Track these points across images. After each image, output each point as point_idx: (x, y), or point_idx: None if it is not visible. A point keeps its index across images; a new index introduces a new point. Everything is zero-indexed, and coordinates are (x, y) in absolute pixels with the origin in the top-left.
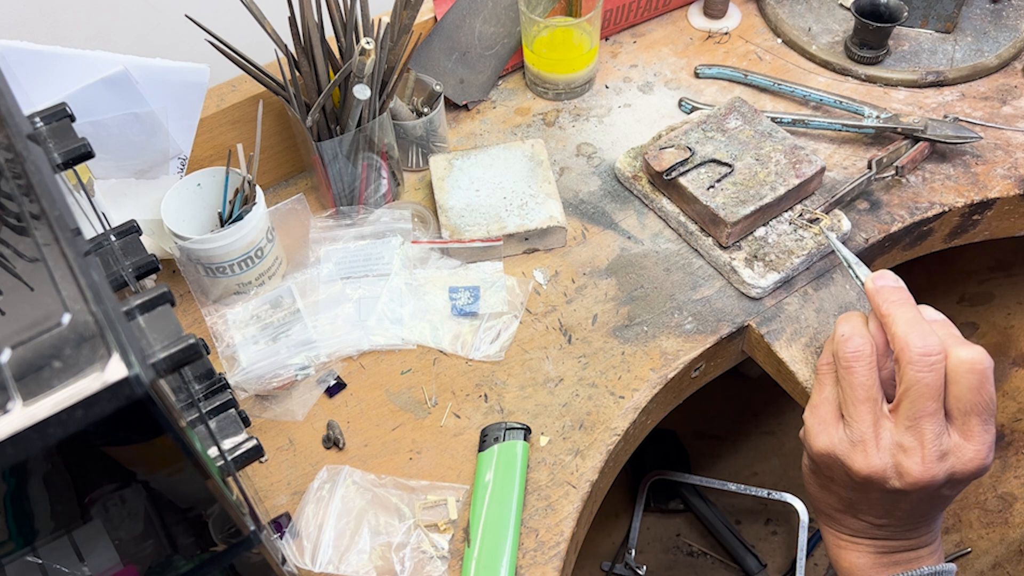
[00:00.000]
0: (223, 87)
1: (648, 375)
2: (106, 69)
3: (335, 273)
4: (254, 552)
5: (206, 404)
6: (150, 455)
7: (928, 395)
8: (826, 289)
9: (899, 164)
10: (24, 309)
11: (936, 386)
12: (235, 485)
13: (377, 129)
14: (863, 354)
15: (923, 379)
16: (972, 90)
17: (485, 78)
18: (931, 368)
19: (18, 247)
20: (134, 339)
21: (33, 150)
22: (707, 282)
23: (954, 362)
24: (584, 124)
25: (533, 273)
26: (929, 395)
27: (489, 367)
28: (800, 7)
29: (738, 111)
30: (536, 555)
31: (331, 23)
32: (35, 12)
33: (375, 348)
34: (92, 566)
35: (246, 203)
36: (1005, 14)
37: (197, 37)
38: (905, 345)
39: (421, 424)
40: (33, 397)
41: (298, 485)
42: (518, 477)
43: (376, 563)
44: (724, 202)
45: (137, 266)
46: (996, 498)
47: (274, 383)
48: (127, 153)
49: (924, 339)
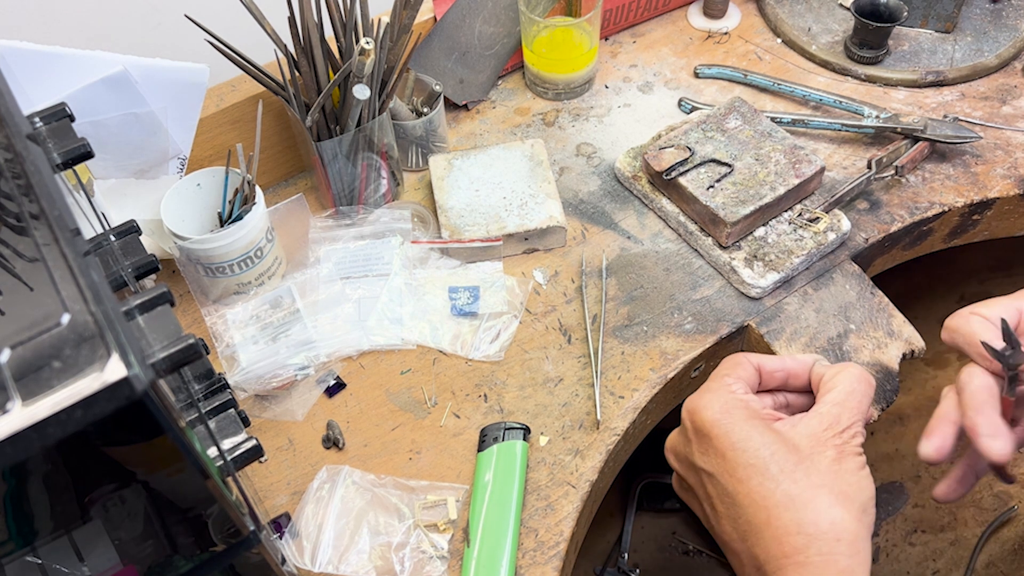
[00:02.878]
0: (223, 87)
1: (648, 375)
2: (106, 69)
3: (335, 273)
4: (254, 552)
5: (206, 404)
6: (150, 455)
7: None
8: (826, 289)
9: (899, 164)
10: (24, 309)
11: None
12: (235, 485)
13: (377, 129)
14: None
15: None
16: (972, 90)
17: (485, 78)
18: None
19: (18, 247)
20: (134, 339)
21: (33, 150)
22: (707, 282)
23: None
24: (584, 124)
25: (533, 273)
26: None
27: (489, 367)
28: (800, 7)
29: (738, 111)
30: (536, 555)
31: (331, 23)
32: (35, 12)
33: (375, 348)
34: (92, 566)
35: (246, 203)
36: (1005, 14)
37: (197, 37)
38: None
39: (421, 424)
40: (33, 397)
41: (298, 485)
42: (518, 477)
43: (376, 563)
44: (724, 202)
45: (137, 266)
46: (992, 496)
47: (274, 383)
48: (127, 153)
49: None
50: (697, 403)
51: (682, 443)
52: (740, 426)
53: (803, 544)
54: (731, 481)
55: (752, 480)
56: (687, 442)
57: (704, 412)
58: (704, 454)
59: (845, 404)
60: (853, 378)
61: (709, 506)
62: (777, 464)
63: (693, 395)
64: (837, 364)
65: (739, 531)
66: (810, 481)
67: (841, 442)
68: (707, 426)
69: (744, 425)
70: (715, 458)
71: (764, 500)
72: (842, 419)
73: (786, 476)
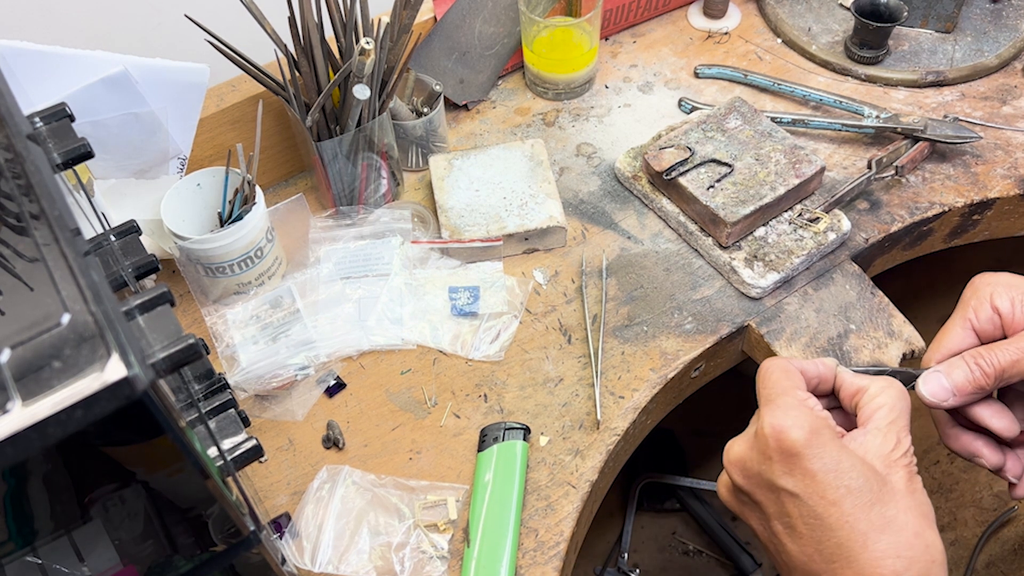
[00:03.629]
0: (223, 87)
1: (648, 375)
2: (106, 69)
3: (335, 273)
4: (254, 552)
5: (206, 404)
6: (150, 455)
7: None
8: (826, 289)
9: (899, 164)
10: (24, 309)
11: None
12: (235, 485)
13: (377, 129)
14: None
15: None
16: (972, 90)
17: (485, 78)
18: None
19: (18, 247)
20: (134, 339)
21: (33, 150)
22: (707, 282)
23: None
24: (584, 124)
25: (533, 273)
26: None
27: (489, 367)
28: (800, 7)
29: (738, 111)
30: (536, 555)
31: (331, 23)
32: (35, 12)
33: (375, 348)
34: (92, 566)
35: (246, 203)
36: (1005, 14)
37: (197, 37)
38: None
39: (421, 424)
40: (33, 397)
41: (298, 485)
42: (518, 477)
43: (376, 563)
44: (724, 202)
45: (137, 266)
46: (992, 496)
47: (274, 383)
48: (127, 153)
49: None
50: (784, 422)
51: (758, 460)
52: (831, 448)
53: (902, 568)
54: (821, 503)
55: (845, 503)
56: (766, 460)
57: (793, 432)
58: (789, 474)
59: (900, 423)
60: (900, 396)
61: (785, 526)
62: (869, 488)
63: (773, 412)
64: (877, 380)
65: (825, 554)
66: (899, 505)
67: (908, 462)
68: (797, 447)
69: (834, 447)
70: (803, 479)
71: (859, 524)
72: (903, 440)
73: (878, 500)
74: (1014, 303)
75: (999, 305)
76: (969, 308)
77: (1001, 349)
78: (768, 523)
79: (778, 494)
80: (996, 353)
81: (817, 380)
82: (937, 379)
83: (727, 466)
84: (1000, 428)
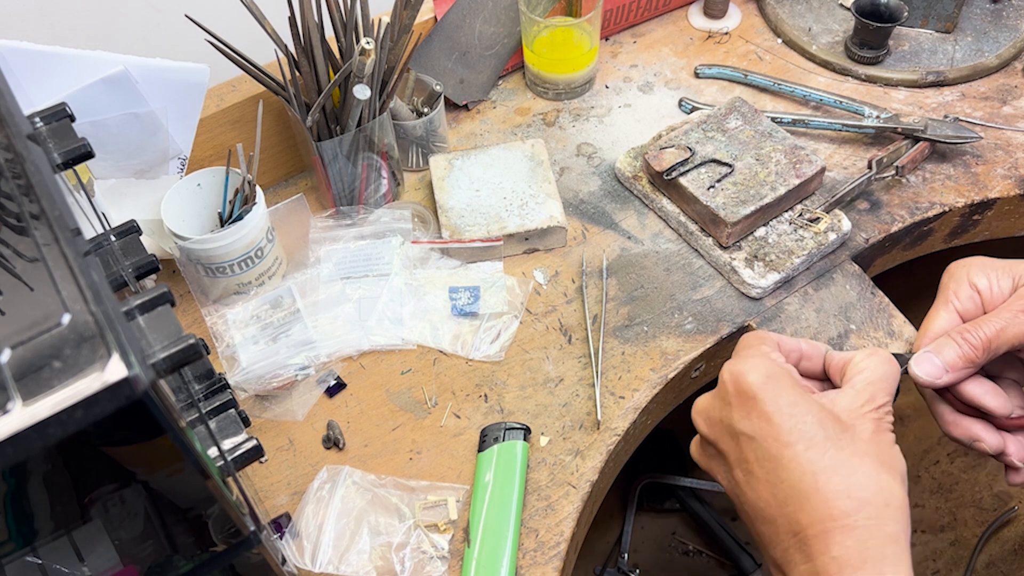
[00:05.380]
0: (223, 87)
1: (648, 375)
2: (106, 69)
3: (335, 273)
4: (254, 552)
5: (206, 404)
6: (150, 455)
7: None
8: (826, 289)
9: (899, 164)
10: (24, 309)
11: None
12: (235, 485)
13: (377, 129)
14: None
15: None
16: (972, 90)
17: (485, 78)
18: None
19: (18, 247)
20: (134, 339)
21: (33, 150)
22: (707, 282)
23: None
24: (584, 124)
25: (533, 273)
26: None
27: (489, 367)
28: (800, 7)
29: (738, 111)
30: (536, 555)
31: (331, 23)
32: (35, 12)
33: (375, 348)
34: (92, 566)
35: (246, 203)
36: (1005, 14)
37: (197, 37)
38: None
39: (421, 424)
40: (33, 397)
41: (298, 485)
42: (518, 477)
43: (376, 563)
44: (724, 202)
45: (137, 266)
46: (992, 497)
47: (274, 383)
48: (127, 153)
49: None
50: (742, 367)
51: (718, 406)
52: (787, 391)
53: (852, 508)
54: (775, 445)
55: (799, 444)
56: (725, 405)
57: (750, 375)
58: (747, 417)
59: (878, 384)
60: (883, 361)
61: (743, 471)
62: (824, 430)
63: (734, 360)
64: (863, 350)
65: (779, 496)
66: (856, 448)
67: (878, 416)
68: (753, 389)
69: (791, 391)
70: (759, 421)
71: (812, 465)
72: (877, 397)
73: (833, 443)
74: (990, 280)
75: (977, 283)
76: (949, 291)
77: (986, 322)
78: (731, 473)
79: (737, 439)
80: (981, 326)
81: (799, 355)
82: (928, 358)
83: (694, 417)
84: (995, 407)
